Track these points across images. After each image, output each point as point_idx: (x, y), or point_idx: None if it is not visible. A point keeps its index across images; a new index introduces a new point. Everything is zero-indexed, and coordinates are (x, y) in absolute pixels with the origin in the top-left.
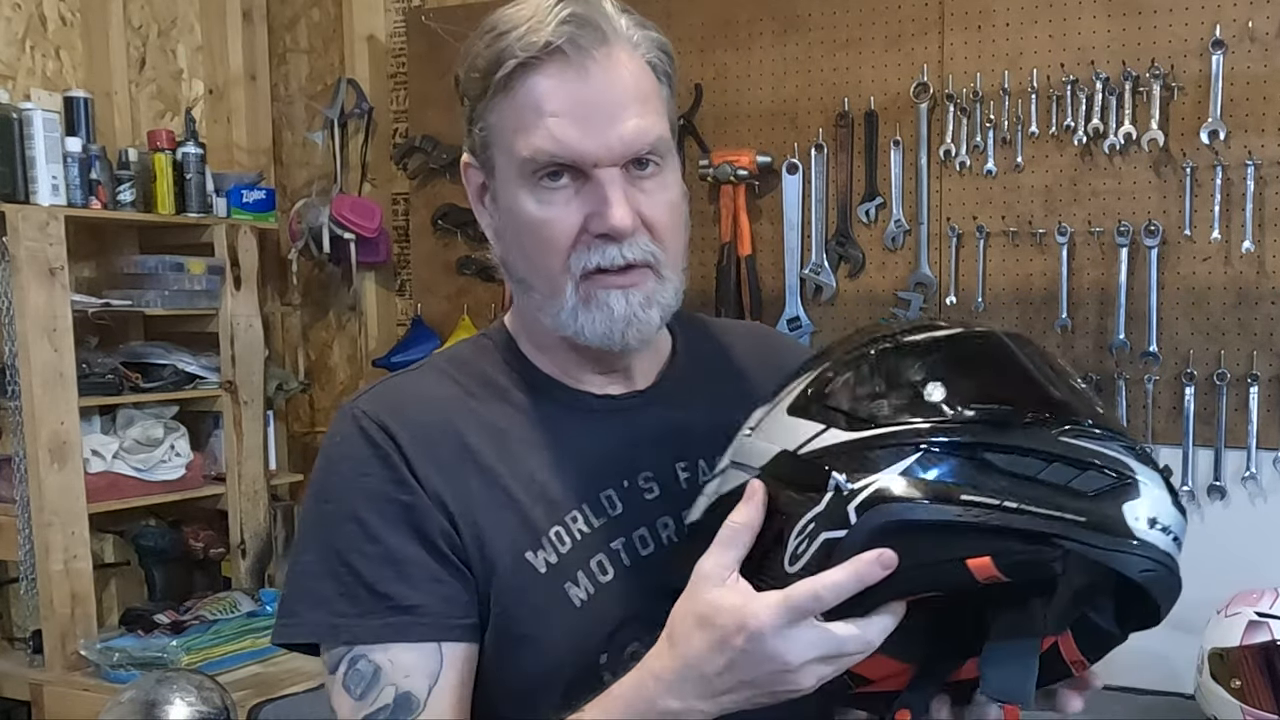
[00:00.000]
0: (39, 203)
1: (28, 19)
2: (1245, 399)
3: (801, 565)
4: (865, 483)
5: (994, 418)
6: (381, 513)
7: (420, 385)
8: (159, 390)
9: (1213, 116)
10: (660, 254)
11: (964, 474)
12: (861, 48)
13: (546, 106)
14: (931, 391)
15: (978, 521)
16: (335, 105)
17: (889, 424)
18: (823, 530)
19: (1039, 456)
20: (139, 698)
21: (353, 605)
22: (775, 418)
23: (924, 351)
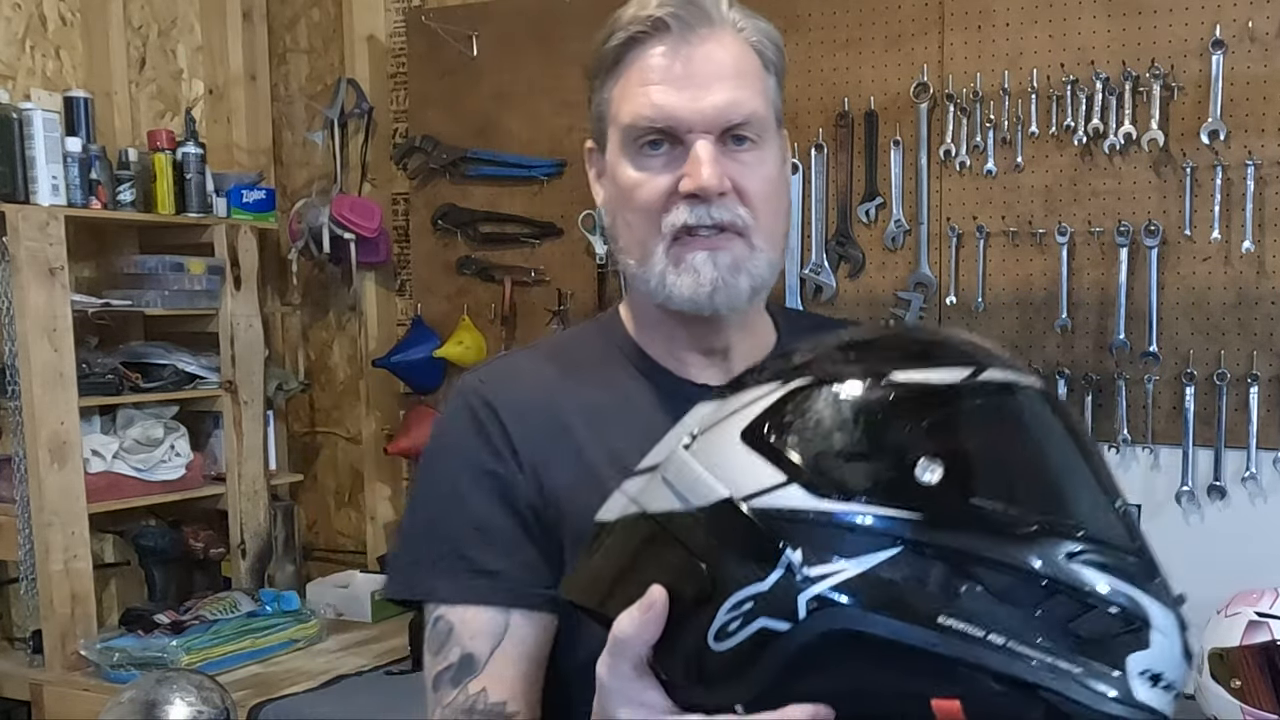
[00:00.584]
0: (39, 203)
1: (28, 19)
2: (1245, 399)
3: (728, 647)
4: (825, 571)
5: (998, 524)
6: (476, 482)
7: (530, 364)
8: (159, 390)
9: (1213, 116)
10: (751, 220)
11: (948, 590)
12: (861, 48)
13: (649, 76)
14: (925, 471)
15: (953, 655)
16: (335, 105)
17: (869, 501)
18: (762, 615)
19: (1042, 584)
20: (139, 698)
21: (440, 567)
22: (723, 438)
23: (923, 407)
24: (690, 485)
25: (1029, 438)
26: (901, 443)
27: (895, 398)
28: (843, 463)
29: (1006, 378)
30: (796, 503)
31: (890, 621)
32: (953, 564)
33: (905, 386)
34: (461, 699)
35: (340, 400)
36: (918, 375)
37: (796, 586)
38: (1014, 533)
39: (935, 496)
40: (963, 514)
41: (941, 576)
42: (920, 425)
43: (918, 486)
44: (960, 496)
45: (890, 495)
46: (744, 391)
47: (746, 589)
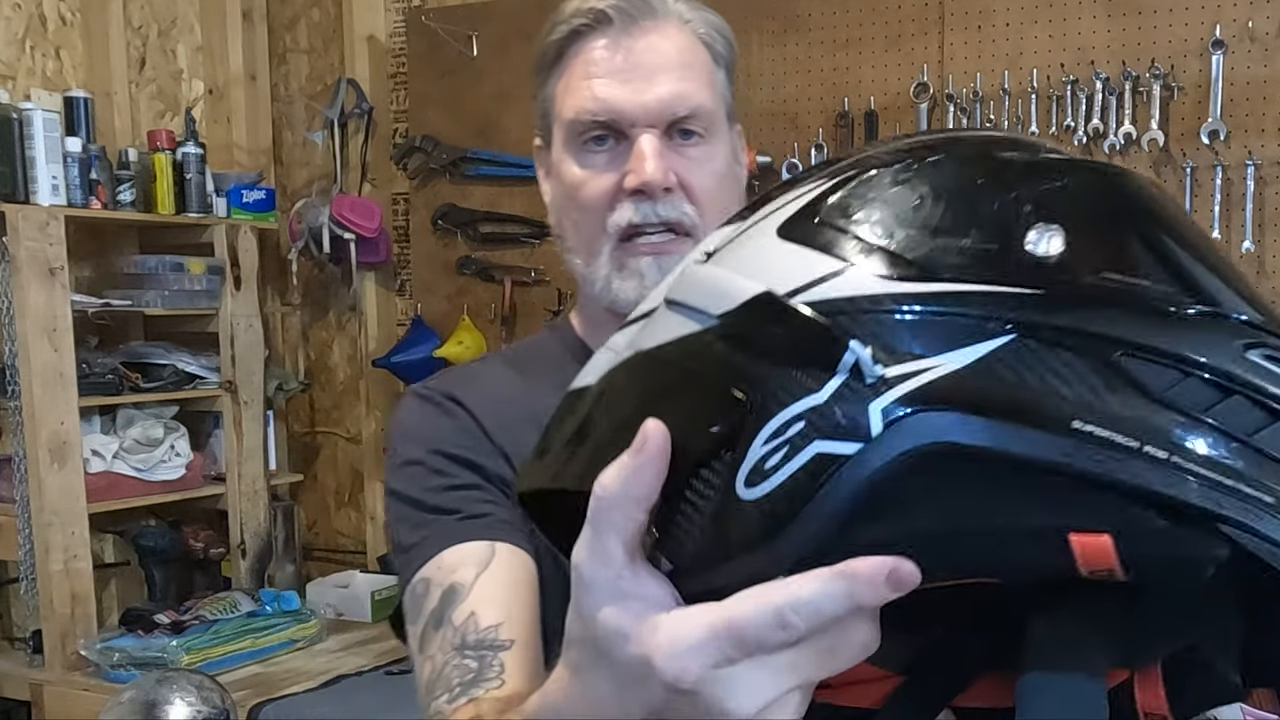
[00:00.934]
0: (39, 203)
1: (28, 19)
2: None
3: (766, 491)
4: (907, 369)
5: (1142, 297)
6: (444, 453)
7: (484, 370)
8: (159, 390)
9: (1213, 116)
10: (699, 219)
11: (1085, 385)
12: (861, 48)
13: (591, 70)
14: (1040, 240)
15: (1100, 472)
16: (335, 105)
17: (962, 279)
18: (818, 436)
19: (1212, 379)
20: (139, 698)
21: (415, 532)
22: (755, 239)
23: (1028, 175)
24: (710, 294)
25: (1162, 216)
26: (1004, 212)
27: (994, 167)
28: (924, 238)
29: (1125, 169)
30: (863, 288)
31: (1005, 429)
32: (1089, 353)
33: (1000, 159)
34: (449, 634)
35: (340, 400)
36: (1015, 153)
37: (866, 393)
38: (1169, 312)
39: (1056, 269)
40: (1097, 289)
41: (1073, 370)
42: (1029, 193)
43: (1031, 259)
44: (1090, 270)
45: (994, 270)
46: (772, 201)
47: (793, 405)
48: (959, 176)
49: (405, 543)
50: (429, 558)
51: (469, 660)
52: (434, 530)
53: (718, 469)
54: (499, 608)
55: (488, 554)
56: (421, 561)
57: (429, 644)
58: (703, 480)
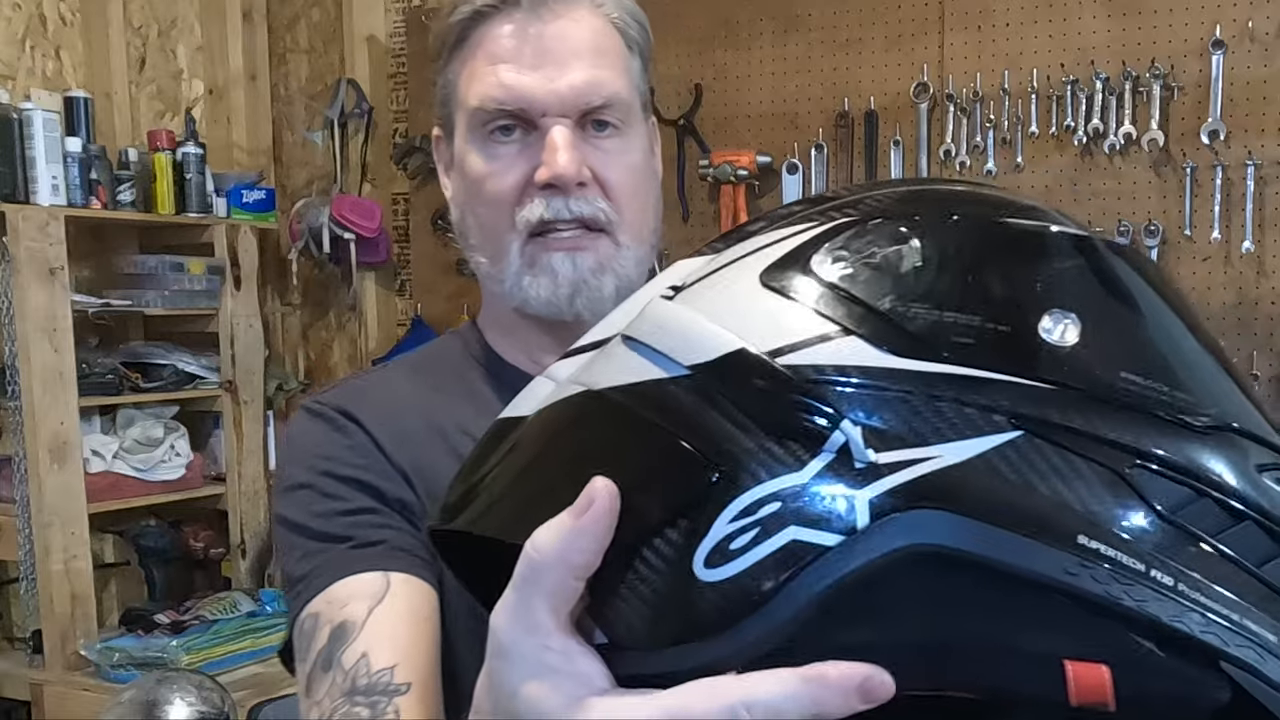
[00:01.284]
0: (39, 203)
1: (28, 19)
2: None
3: (732, 574)
4: (903, 458)
5: (1158, 405)
6: (336, 475)
7: (383, 381)
8: (159, 390)
9: (1213, 116)
10: (615, 216)
11: (1094, 496)
12: (861, 48)
13: (496, 53)
14: (1056, 327)
15: (1103, 595)
16: (335, 105)
17: (968, 362)
18: (794, 521)
19: (1225, 501)
20: (139, 698)
21: (304, 562)
22: (733, 282)
23: (1042, 251)
24: (680, 340)
25: (1181, 314)
26: (1019, 292)
27: (1005, 237)
28: (927, 310)
29: (1136, 249)
30: (856, 358)
31: (1002, 537)
32: (1100, 461)
33: (1010, 226)
34: (338, 678)
35: None
36: (1032, 222)
37: (853, 480)
38: (1185, 424)
39: (1071, 363)
40: (1113, 391)
41: (1083, 478)
42: (1042, 273)
43: (1045, 349)
44: (1106, 368)
45: (1003, 357)
46: (751, 238)
47: (768, 482)
48: (968, 243)
49: (294, 574)
50: (318, 590)
51: (360, 709)
52: (324, 560)
53: (673, 540)
54: (393, 648)
55: (381, 586)
56: (311, 594)
57: (317, 687)
58: (654, 550)
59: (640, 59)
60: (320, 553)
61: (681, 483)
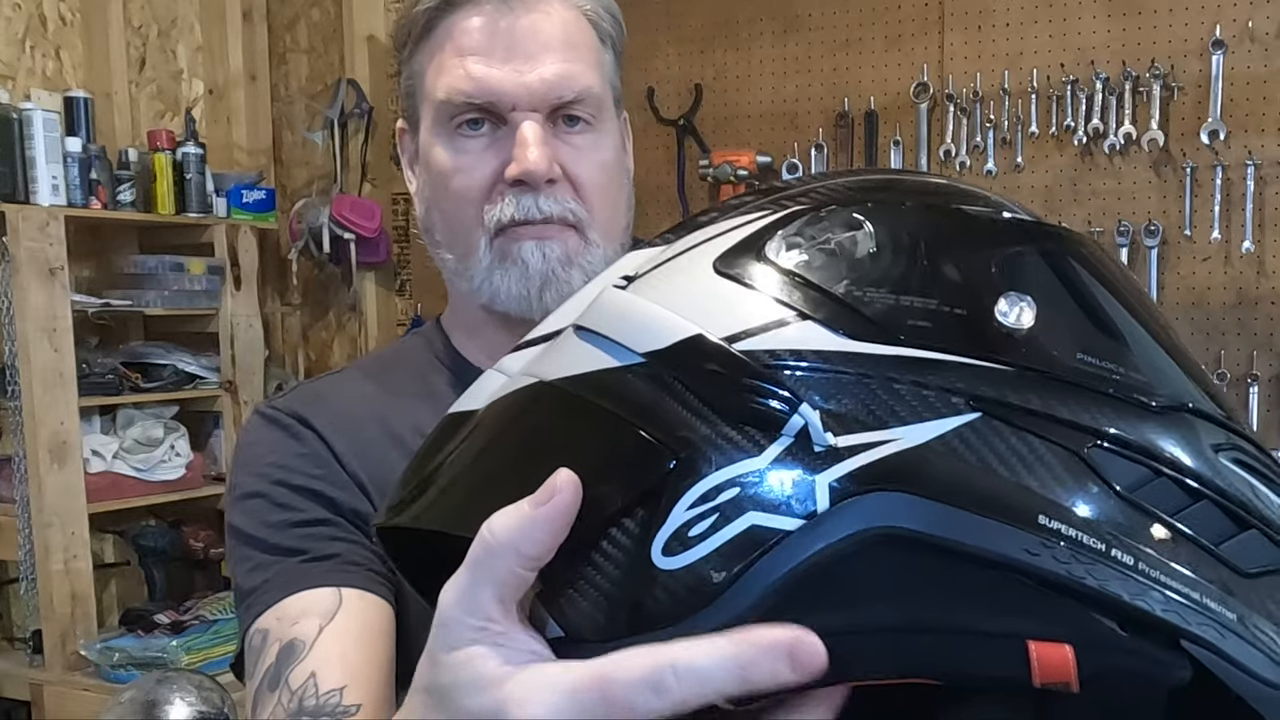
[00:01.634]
0: (39, 203)
1: (28, 19)
2: (1245, 399)
3: (690, 562)
4: (860, 441)
5: (1114, 385)
6: (289, 484)
7: (340, 384)
8: (159, 390)
9: (1213, 116)
10: (585, 214)
11: (1054, 476)
12: (861, 48)
13: (464, 44)
14: (1012, 310)
15: (1065, 574)
16: (335, 105)
17: (925, 344)
18: (753, 507)
19: (1182, 481)
20: (139, 698)
21: (255, 574)
22: (686, 270)
23: (995, 236)
24: (634, 328)
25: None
26: (975, 275)
27: (954, 221)
28: (884, 294)
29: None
30: (813, 342)
31: (964, 518)
32: (1058, 442)
33: (964, 213)
34: (284, 698)
35: None
36: (985, 209)
37: (813, 463)
38: (1143, 404)
39: (1028, 345)
40: (1070, 372)
41: (1042, 459)
42: (997, 257)
43: (1001, 331)
44: (1063, 349)
45: (960, 339)
46: (704, 228)
47: (727, 468)
48: (923, 227)
49: (244, 586)
50: (269, 605)
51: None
52: (275, 573)
53: (630, 529)
54: (344, 667)
55: (333, 603)
56: (261, 609)
57: (263, 707)
58: (610, 540)
59: (613, 52)
60: (272, 565)
61: (638, 470)
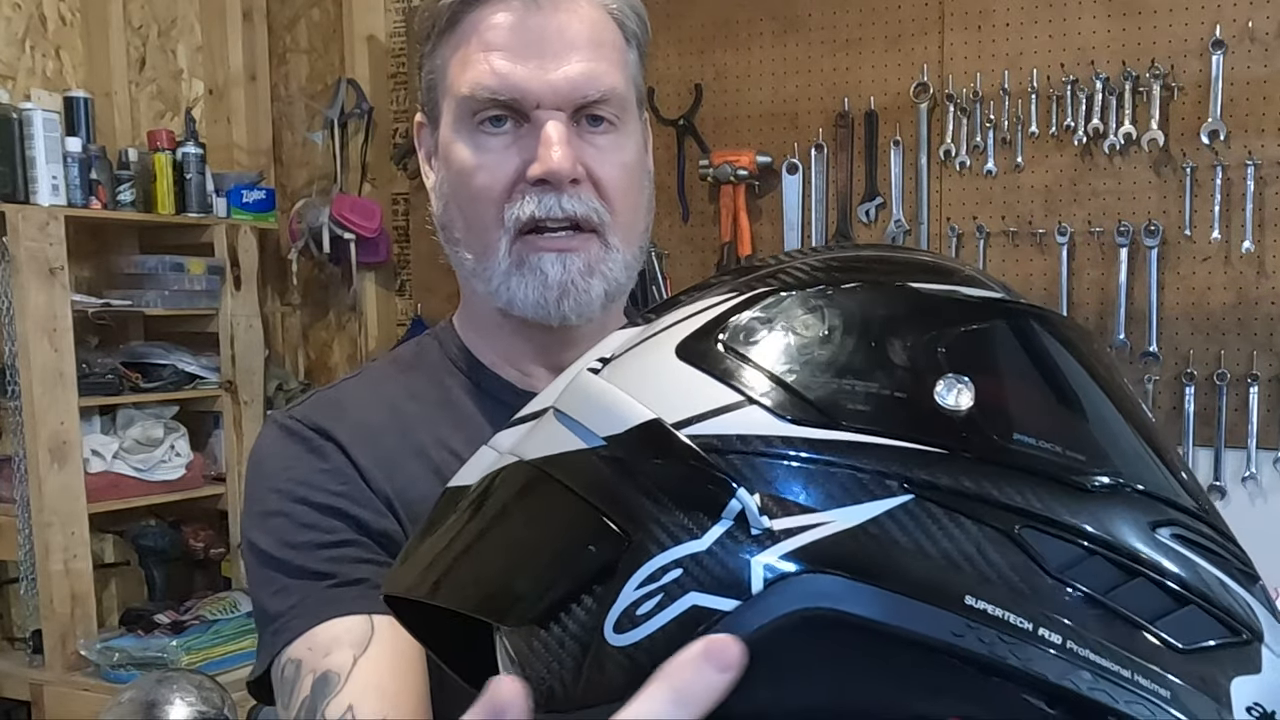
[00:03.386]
0: (39, 203)
1: (28, 19)
2: (1245, 399)
3: (637, 639)
4: (793, 524)
5: (1050, 466)
6: (312, 503)
7: (357, 391)
8: (159, 390)
9: (1213, 116)
10: (607, 215)
11: (983, 557)
12: (861, 48)
13: (490, 40)
14: (949, 392)
15: (990, 655)
16: (335, 105)
17: (863, 428)
18: (694, 588)
19: (1116, 559)
20: (139, 698)
21: (281, 598)
22: (652, 354)
23: (941, 316)
24: (598, 412)
25: (1081, 375)
26: (917, 357)
27: (904, 303)
28: (828, 378)
29: (1042, 306)
30: (758, 427)
31: (892, 600)
32: (989, 523)
33: (917, 292)
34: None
35: None
36: (939, 286)
37: (749, 546)
38: (1077, 484)
39: (964, 426)
40: (1004, 453)
41: (971, 539)
42: (942, 338)
43: (938, 413)
44: (1000, 430)
45: (898, 422)
46: (678, 309)
47: (672, 550)
48: (870, 309)
49: (270, 610)
50: (299, 633)
51: None
52: (302, 599)
53: (588, 606)
54: (380, 699)
55: (365, 631)
56: (290, 636)
57: None
58: (571, 615)
59: (638, 52)
60: (298, 590)
61: (594, 549)
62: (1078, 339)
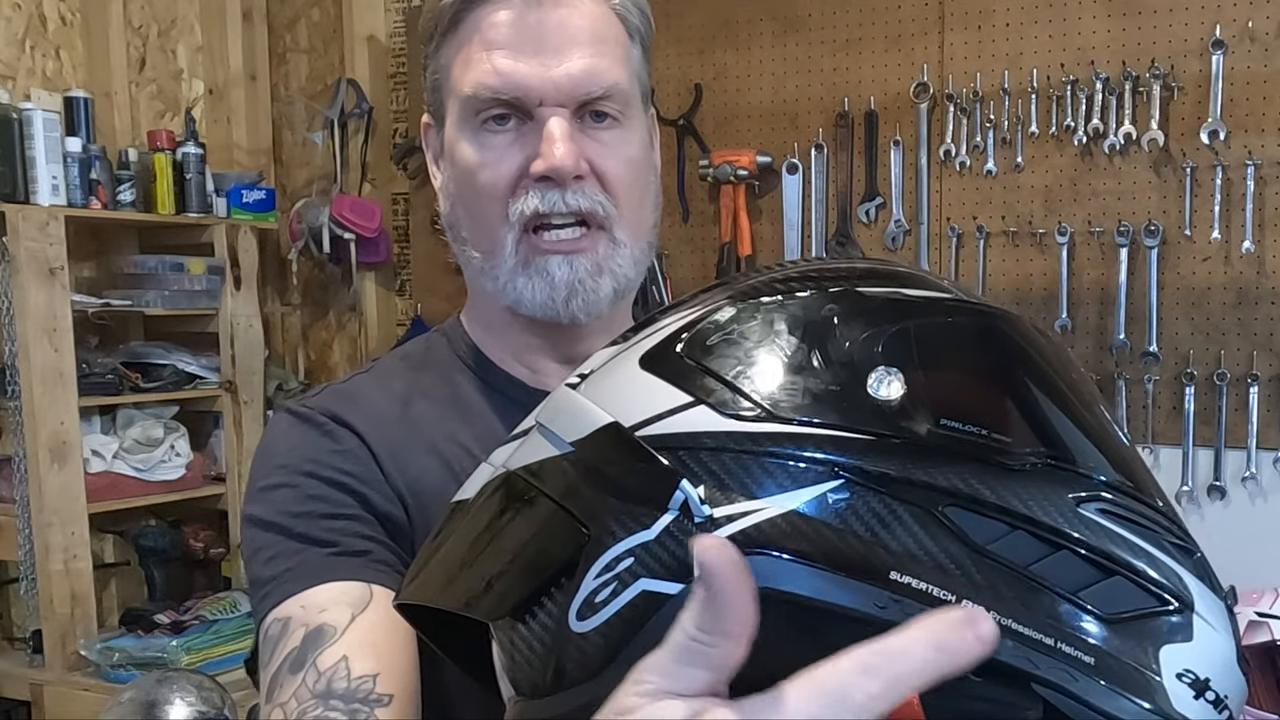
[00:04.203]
0: (39, 203)
1: (28, 19)
2: (1245, 399)
3: (595, 625)
4: (732, 511)
5: (975, 448)
6: (321, 476)
7: (368, 386)
8: (159, 390)
9: (1213, 116)
10: (613, 210)
11: (909, 535)
12: (861, 48)
13: (492, 38)
14: (880, 383)
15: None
16: (335, 105)
17: (797, 420)
18: (645, 574)
19: (1038, 533)
20: (139, 698)
21: (277, 563)
22: (620, 366)
23: (880, 314)
24: (569, 420)
25: (1018, 363)
26: (850, 353)
27: (846, 305)
28: (770, 377)
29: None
30: (705, 425)
31: (822, 576)
32: (914, 503)
33: (860, 295)
34: (310, 679)
35: None
36: (879, 289)
37: (693, 532)
38: (1002, 464)
39: (895, 415)
40: (931, 439)
41: (898, 520)
42: (879, 335)
43: (869, 402)
44: (928, 417)
45: (831, 413)
46: (651, 325)
47: (625, 540)
48: (816, 313)
49: (263, 575)
50: (291, 594)
51: (335, 714)
52: (301, 562)
53: (556, 597)
54: (375, 656)
55: (364, 596)
56: (281, 597)
57: (281, 689)
58: (541, 607)
59: (641, 47)
60: (296, 554)
61: (560, 544)
62: (1015, 330)
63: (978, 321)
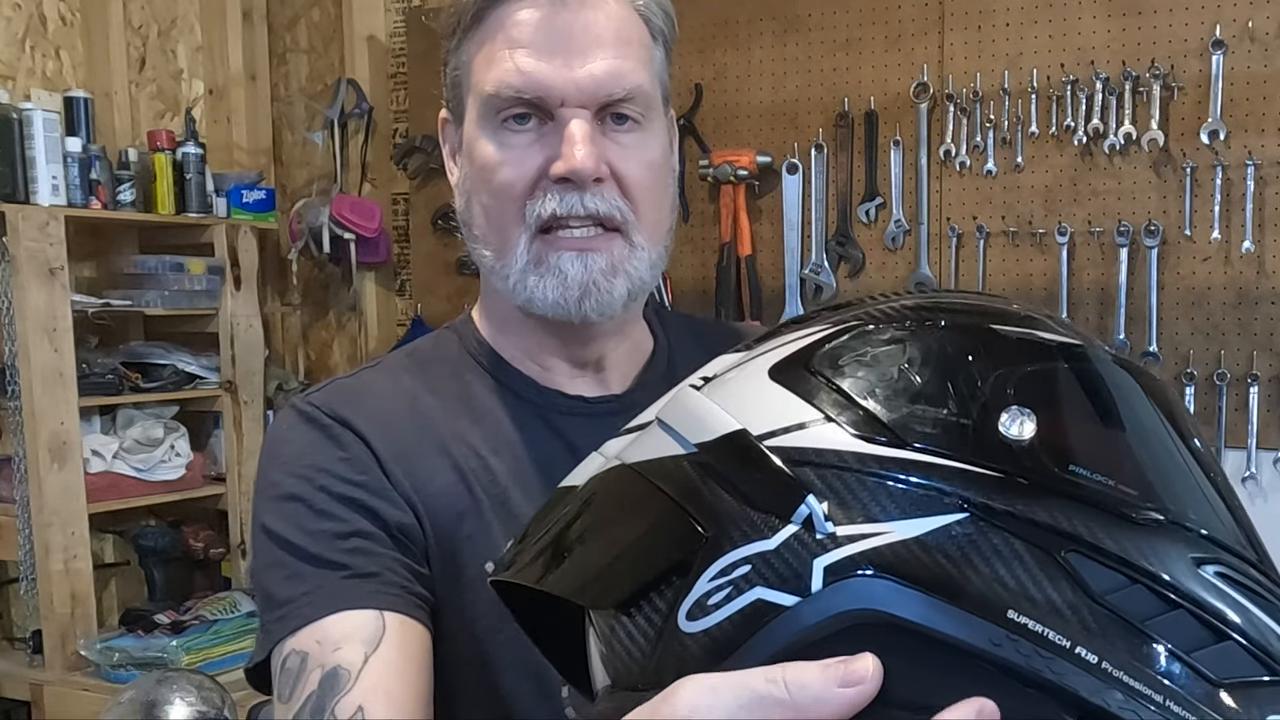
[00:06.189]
0: (39, 203)
1: (28, 19)
2: (1245, 399)
3: (706, 627)
4: (856, 531)
5: (1100, 497)
6: (331, 491)
7: (376, 383)
8: (159, 390)
9: (1213, 116)
10: (631, 214)
11: (1028, 575)
12: (861, 48)
13: (516, 37)
14: (1013, 422)
15: (1024, 666)
16: (335, 105)
17: (929, 450)
18: (760, 583)
19: (1156, 589)
20: (139, 698)
21: (291, 584)
22: (747, 375)
23: (1016, 355)
24: (693, 421)
25: (1148, 418)
26: (986, 389)
27: (983, 341)
28: (902, 403)
29: (1123, 356)
30: (832, 443)
31: (936, 606)
32: (1036, 544)
33: (995, 333)
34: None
35: None
36: (1016, 330)
37: (813, 548)
38: (1126, 516)
39: (1024, 455)
40: (1058, 482)
41: (1018, 559)
42: (1013, 374)
43: (1000, 441)
44: (1056, 461)
45: (961, 446)
46: (778, 338)
47: (744, 547)
48: (949, 346)
49: (278, 595)
50: (307, 621)
51: None
52: (314, 587)
53: (666, 594)
54: (391, 700)
55: (377, 629)
56: (298, 624)
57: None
58: (650, 603)
59: (664, 49)
60: (311, 578)
61: (676, 543)
62: (1147, 386)
63: (1113, 373)
